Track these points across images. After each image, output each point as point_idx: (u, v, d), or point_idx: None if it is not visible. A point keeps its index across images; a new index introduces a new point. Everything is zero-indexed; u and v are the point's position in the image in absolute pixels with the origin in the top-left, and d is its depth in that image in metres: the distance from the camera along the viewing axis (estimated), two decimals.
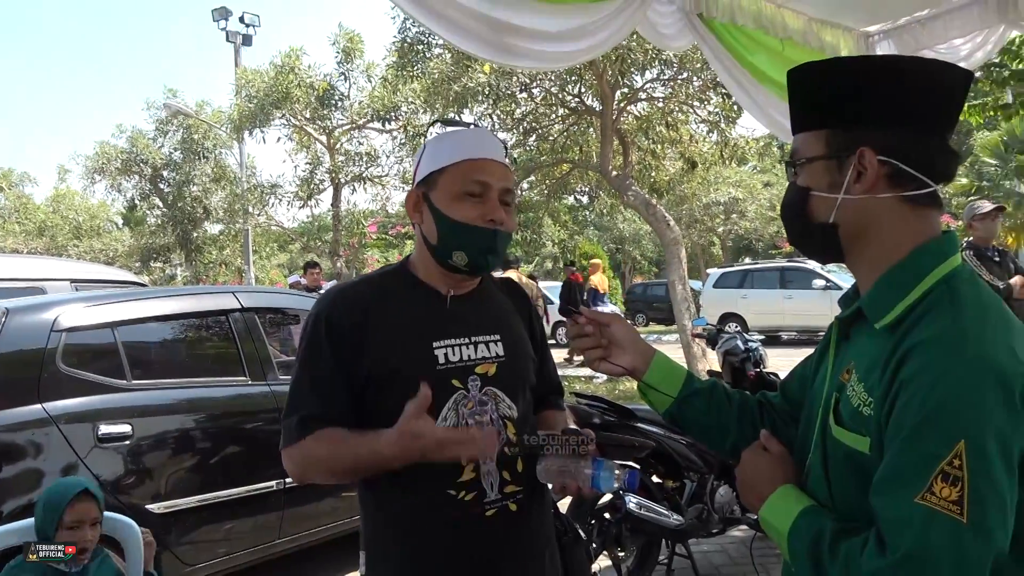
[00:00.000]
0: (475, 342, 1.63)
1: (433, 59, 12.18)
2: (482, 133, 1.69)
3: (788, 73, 1.27)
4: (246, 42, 22.00)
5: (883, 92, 1.17)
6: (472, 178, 1.58)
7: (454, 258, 1.60)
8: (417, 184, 1.65)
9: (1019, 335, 1.09)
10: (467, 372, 1.60)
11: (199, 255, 23.16)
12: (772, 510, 1.23)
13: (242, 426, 4.12)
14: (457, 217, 1.57)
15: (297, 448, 1.54)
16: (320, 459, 1.54)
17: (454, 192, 1.58)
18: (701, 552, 4.65)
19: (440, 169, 1.60)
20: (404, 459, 1.44)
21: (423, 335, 1.59)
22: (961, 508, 0.98)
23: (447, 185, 1.59)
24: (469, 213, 1.57)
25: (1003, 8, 3.94)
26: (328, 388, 1.55)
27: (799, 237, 1.31)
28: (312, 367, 1.57)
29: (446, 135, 1.67)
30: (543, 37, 3.05)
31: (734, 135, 12.69)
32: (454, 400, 1.57)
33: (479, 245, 1.59)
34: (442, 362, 1.58)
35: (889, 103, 1.16)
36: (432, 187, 1.61)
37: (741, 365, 5.05)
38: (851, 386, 1.17)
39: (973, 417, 1.00)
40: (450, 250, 1.59)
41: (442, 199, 1.59)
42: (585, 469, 1.50)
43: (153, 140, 23.18)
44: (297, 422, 1.54)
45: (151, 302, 4.18)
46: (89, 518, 2.39)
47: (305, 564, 4.58)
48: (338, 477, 1.68)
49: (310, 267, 11.67)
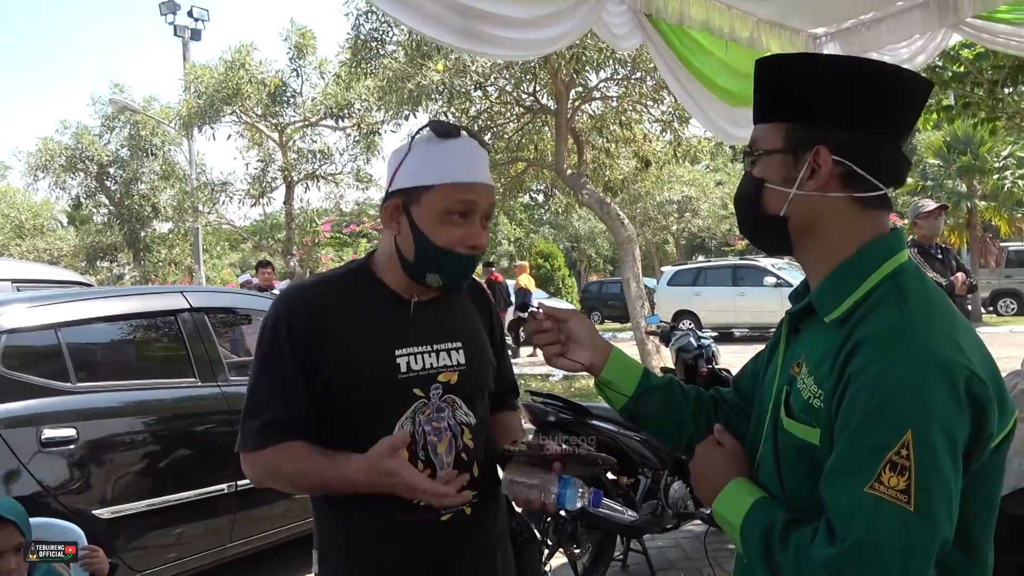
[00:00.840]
0: (437, 350, 1.61)
1: (387, 56, 12.09)
2: (473, 150, 1.58)
3: (756, 63, 1.28)
4: (195, 37, 21.60)
5: (845, 93, 1.18)
6: (459, 198, 1.52)
7: (428, 279, 1.57)
8: (396, 192, 1.56)
9: (963, 330, 1.12)
10: (430, 381, 1.58)
11: (148, 254, 22.66)
12: (725, 503, 1.24)
13: (192, 428, 4.05)
14: (439, 242, 1.53)
15: (259, 456, 1.53)
16: (285, 473, 1.53)
17: (439, 212, 1.52)
18: (656, 547, 4.69)
19: (427, 186, 1.53)
20: (370, 489, 1.44)
21: (385, 342, 1.57)
22: (908, 497, 1.00)
23: (432, 203, 1.53)
24: (451, 236, 1.53)
25: (944, 13, 4.04)
26: (289, 392, 1.53)
27: (750, 227, 1.32)
28: (272, 369, 1.54)
29: (436, 145, 1.55)
30: (513, 24, 3.03)
31: (687, 134, 12.81)
32: (413, 409, 1.56)
33: (457, 270, 1.57)
34: (404, 371, 1.56)
35: (851, 105, 1.18)
36: (415, 202, 1.54)
37: (694, 362, 5.12)
38: (801, 379, 1.19)
39: (920, 408, 1.02)
40: (425, 271, 1.56)
41: (425, 218, 1.53)
42: (551, 486, 1.49)
43: (99, 136, 22.59)
44: (259, 428, 1.52)
45: (97, 303, 4.08)
46: (9, 546, 2.19)
47: (258, 566, 4.51)
48: (298, 491, 1.67)
49: (262, 266, 11.50)
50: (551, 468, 1.51)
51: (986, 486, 1.11)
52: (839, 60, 1.27)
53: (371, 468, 1.41)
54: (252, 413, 1.54)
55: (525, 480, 1.51)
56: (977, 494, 1.09)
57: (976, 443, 1.05)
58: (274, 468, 1.53)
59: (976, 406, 1.04)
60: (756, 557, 1.14)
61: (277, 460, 1.51)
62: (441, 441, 1.58)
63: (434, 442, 1.57)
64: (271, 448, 1.51)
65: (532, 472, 1.52)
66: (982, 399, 1.05)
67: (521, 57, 7.07)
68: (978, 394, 1.04)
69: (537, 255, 31.17)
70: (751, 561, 1.17)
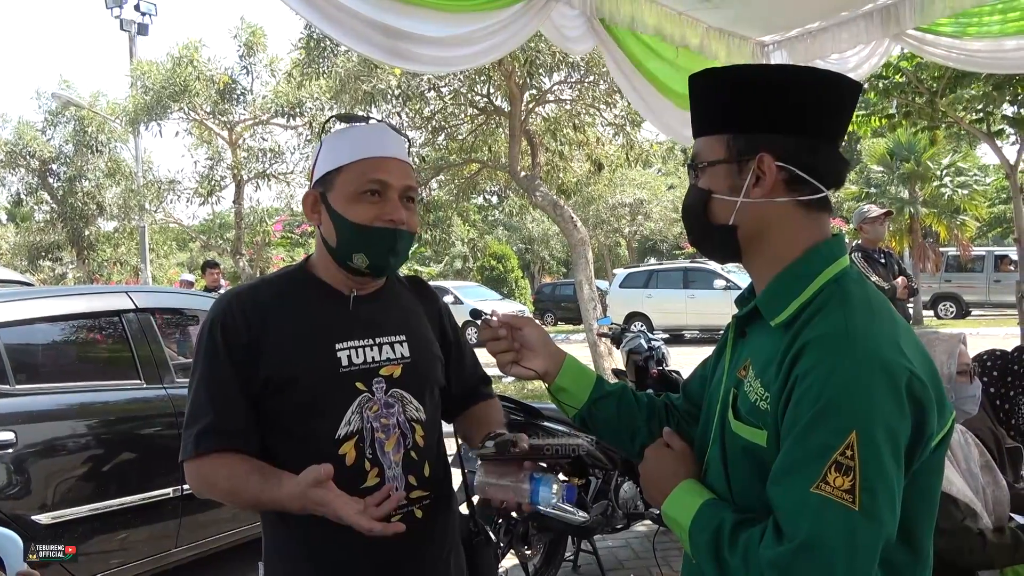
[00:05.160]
0: (379, 343, 1.60)
1: (340, 56, 11.99)
2: (381, 130, 1.63)
3: (690, 78, 1.30)
4: (141, 31, 21.05)
5: (781, 100, 1.20)
6: (370, 177, 1.53)
7: (354, 260, 1.56)
8: (314, 184, 1.59)
9: (904, 333, 1.15)
10: (371, 374, 1.57)
11: (92, 253, 22.08)
12: (674, 504, 1.25)
13: (137, 431, 3.96)
14: (355, 219, 1.53)
15: (196, 465, 1.50)
16: (221, 490, 1.51)
17: (351, 192, 1.53)
18: (606, 548, 4.73)
19: (337, 168, 1.55)
20: (303, 512, 1.42)
21: (325, 337, 1.55)
22: (853, 496, 1.02)
23: (344, 185, 1.54)
24: (367, 214, 1.53)
25: (886, 23, 4.16)
26: (225, 396, 1.50)
27: (700, 238, 1.33)
28: (208, 375, 1.52)
29: (343, 132, 1.61)
30: (434, 43, 3.05)
31: (639, 138, 12.95)
32: (358, 403, 1.54)
33: (379, 246, 1.55)
34: (345, 364, 1.54)
35: (787, 111, 1.20)
36: (329, 187, 1.56)
37: (644, 363, 5.16)
38: (748, 382, 1.21)
39: (863, 410, 1.04)
40: (349, 252, 1.55)
41: (339, 200, 1.54)
42: (523, 484, 1.47)
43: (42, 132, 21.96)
44: (196, 435, 1.49)
45: (37, 302, 3.96)
46: None
47: (206, 571, 4.43)
48: (236, 507, 1.64)
49: (209, 267, 11.30)
50: (522, 466, 1.50)
51: (926, 484, 1.15)
52: (772, 69, 1.30)
53: (302, 496, 1.38)
54: (191, 421, 1.52)
55: (498, 481, 1.50)
56: (918, 492, 1.12)
57: (917, 443, 1.09)
58: (211, 482, 1.51)
59: (917, 407, 1.07)
60: (705, 558, 1.16)
61: (211, 471, 1.49)
62: (389, 439, 1.56)
63: (382, 439, 1.55)
64: (208, 457, 1.48)
65: (504, 472, 1.50)
66: (923, 400, 1.08)
67: (451, 71, 7.07)
68: (919, 395, 1.08)
69: (491, 256, 31.20)
70: (700, 562, 1.18)
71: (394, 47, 2.87)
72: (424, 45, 2.99)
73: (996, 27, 4.17)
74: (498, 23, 3.15)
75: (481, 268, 31.37)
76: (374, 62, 9.05)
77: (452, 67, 3.45)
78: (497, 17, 3.14)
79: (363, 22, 2.75)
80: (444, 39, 3.06)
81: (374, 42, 2.81)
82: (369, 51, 2.85)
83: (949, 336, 2.62)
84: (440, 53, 3.09)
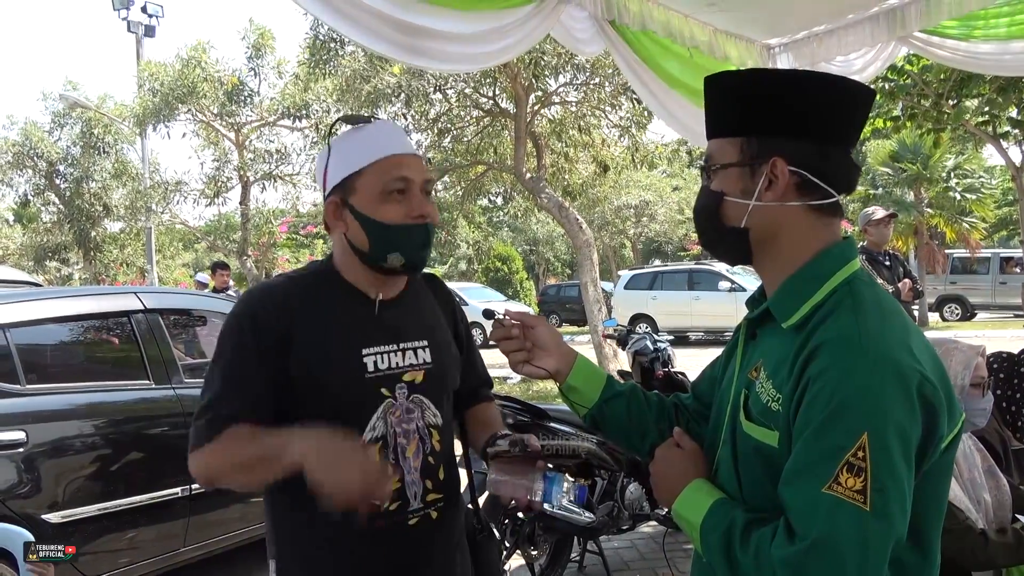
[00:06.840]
0: (403, 349, 1.60)
1: (346, 57, 12.01)
2: (390, 127, 1.64)
3: (705, 80, 1.31)
4: (149, 33, 21.13)
5: (797, 105, 1.22)
6: (394, 175, 1.53)
7: (389, 260, 1.55)
8: (332, 191, 1.57)
9: (915, 335, 1.16)
10: (395, 380, 1.57)
11: (99, 254, 22.13)
12: (685, 504, 1.27)
13: (145, 431, 3.98)
14: (385, 219, 1.52)
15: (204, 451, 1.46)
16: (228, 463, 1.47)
17: (377, 193, 1.53)
18: (612, 549, 4.74)
19: (357, 172, 1.54)
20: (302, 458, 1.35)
21: (352, 341, 1.55)
22: (865, 497, 1.03)
23: (368, 187, 1.53)
24: (396, 212, 1.53)
25: (892, 26, 4.16)
26: (252, 389, 1.48)
27: (711, 240, 1.34)
28: (234, 367, 1.50)
29: (352, 135, 1.59)
30: (455, 39, 3.05)
31: (644, 140, 12.97)
32: (383, 409, 1.55)
33: (414, 243, 1.56)
34: (371, 370, 1.54)
35: (802, 116, 1.21)
36: (351, 192, 1.54)
37: (650, 365, 5.18)
38: (760, 383, 1.22)
39: (875, 411, 1.05)
40: (384, 253, 1.54)
41: (365, 203, 1.53)
42: (536, 483, 1.48)
43: (49, 133, 22.01)
44: (207, 422, 1.46)
45: (47, 303, 3.98)
46: None
47: (214, 571, 4.45)
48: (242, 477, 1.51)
49: (219, 268, 11.29)
50: (534, 465, 1.51)
51: (936, 485, 1.16)
52: (788, 74, 1.32)
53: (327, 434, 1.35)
54: (205, 411, 1.48)
55: (510, 479, 1.51)
56: (927, 493, 1.13)
57: (927, 444, 1.10)
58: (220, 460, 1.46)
59: (928, 409, 1.08)
60: (717, 556, 1.17)
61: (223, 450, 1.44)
62: (410, 444, 1.57)
63: (403, 444, 1.56)
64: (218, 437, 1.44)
65: (516, 470, 1.51)
66: (934, 402, 1.09)
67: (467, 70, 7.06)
68: (930, 397, 1.09)
69: (495, 258, 31.19)
70: (711, 560, 1.19)
71: (411, 44, 2.87)
72: (443, 41, 2.99)
73: (1003, 29, 4.17)
74: (510, 24, 3.15)
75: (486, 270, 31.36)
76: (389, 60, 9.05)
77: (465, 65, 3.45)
78: (509, 18, 3.15)
79: (378, 18, 2.73)
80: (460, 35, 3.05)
81: (390, 39, 2.80)
82: (385, 49, 2.84)
83: (968, 347, 2.58)
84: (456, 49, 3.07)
